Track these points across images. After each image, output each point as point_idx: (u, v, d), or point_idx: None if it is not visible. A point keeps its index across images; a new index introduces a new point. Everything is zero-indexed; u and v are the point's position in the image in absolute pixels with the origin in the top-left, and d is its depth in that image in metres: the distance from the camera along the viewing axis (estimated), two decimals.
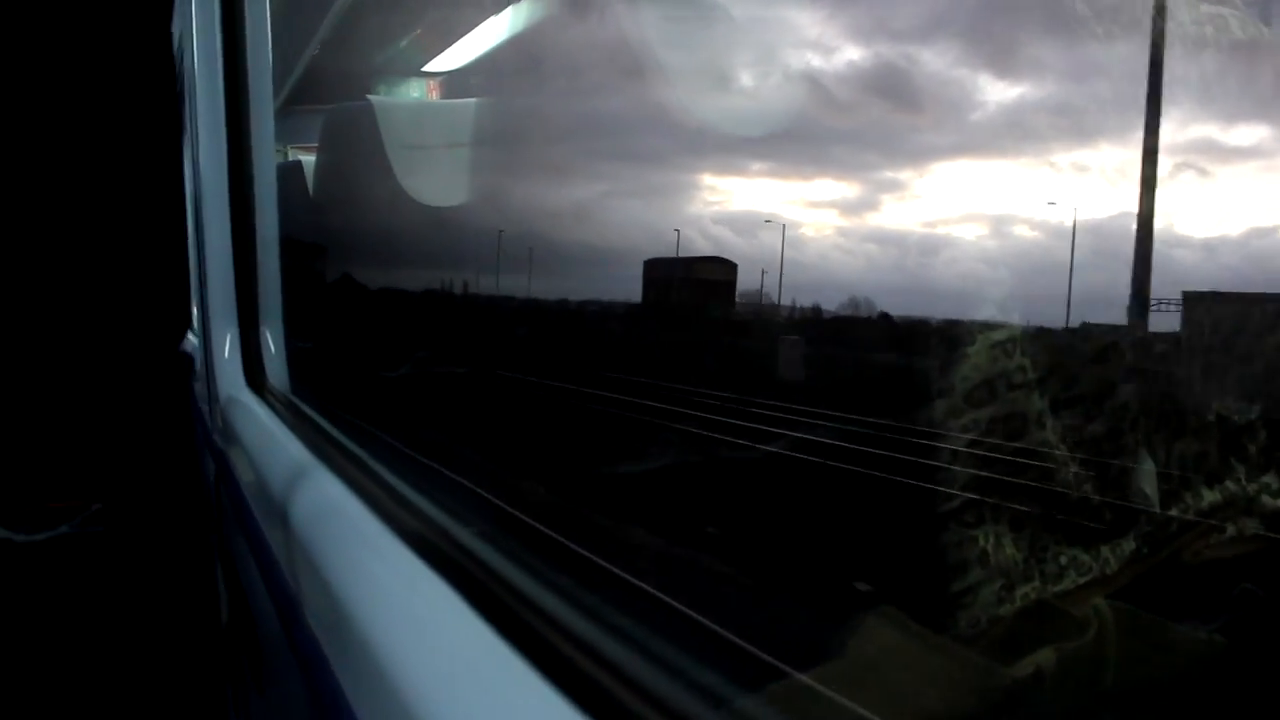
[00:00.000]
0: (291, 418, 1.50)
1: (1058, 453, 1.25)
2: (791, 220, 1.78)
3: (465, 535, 0.81)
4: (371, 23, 2.84)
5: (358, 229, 2.67)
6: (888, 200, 1.62)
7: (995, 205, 1.34)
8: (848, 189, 1.70)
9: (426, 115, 2.65)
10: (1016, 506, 1.20)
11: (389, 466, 1.06)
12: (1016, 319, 1.24)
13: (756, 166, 1.80)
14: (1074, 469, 1.26)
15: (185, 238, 1.03)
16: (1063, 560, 1.19)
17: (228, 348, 1.82)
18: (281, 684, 1.30)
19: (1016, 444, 1.18)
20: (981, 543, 1.21)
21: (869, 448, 1.94)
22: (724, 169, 1.86)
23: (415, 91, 2.96)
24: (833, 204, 1.72)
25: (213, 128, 1.89)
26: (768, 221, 1.74)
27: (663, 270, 2.18)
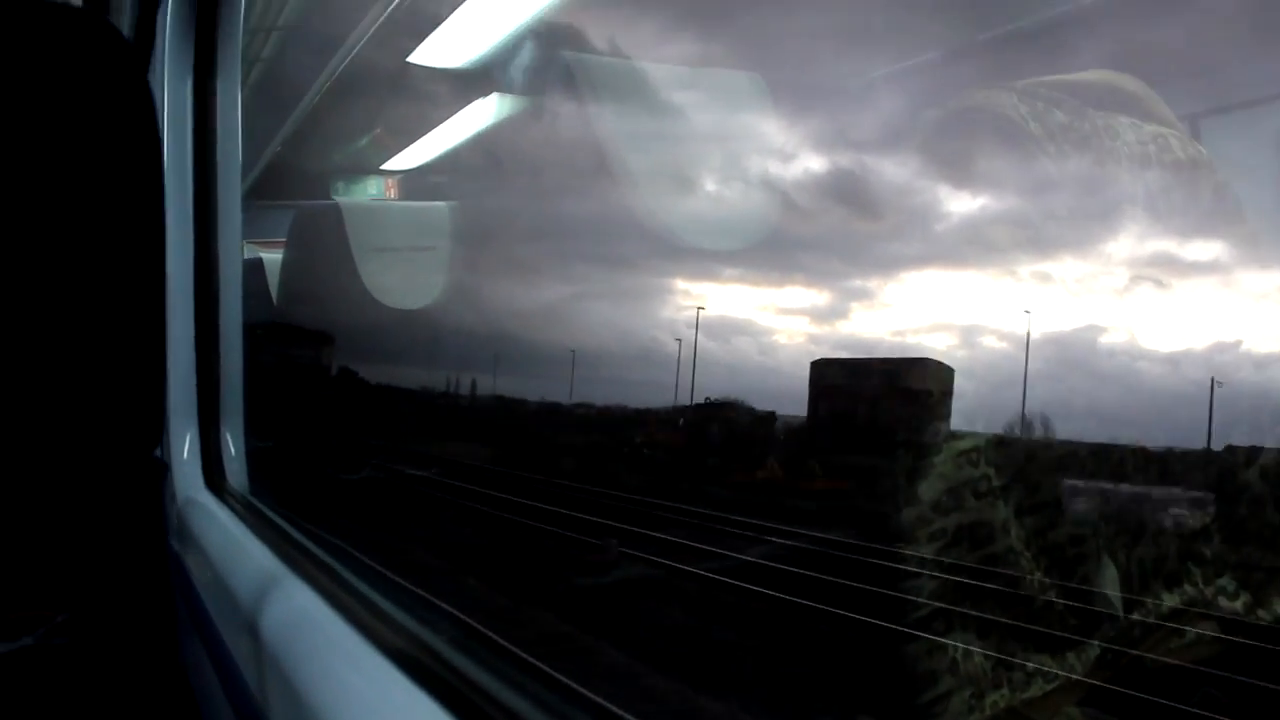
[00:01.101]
0: (254, 520, 1.47)
1: (1024, 561, 1.27)
2: (765, 327, 1.79)
3: (443, 645, 0.80)
4: (337, 119, 2.87)
5: (322, 326, 2.66)
6: (857, 308, 1.65)
7: (963, 315, 1.37)
8: (818, 296, 1.73)
9: (392, 215, 2.66)
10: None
11: (359, 573, 1.04)
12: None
13: (728, 273, 1.83)
14: (1039, 576, 1.27)
15: (164, 339, 1.02)
16: (1030, 668, 1.20)
17: (187, 448, 1.79)
18: None
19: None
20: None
21: None
22: (696, 274, 1.89)
23: (378, 189, 2.99)
24: (804, 311, 1.75)
25: (180, 224, 1.89)
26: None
27: (845, 375, 1.76)
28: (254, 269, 2.70)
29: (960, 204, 1.37)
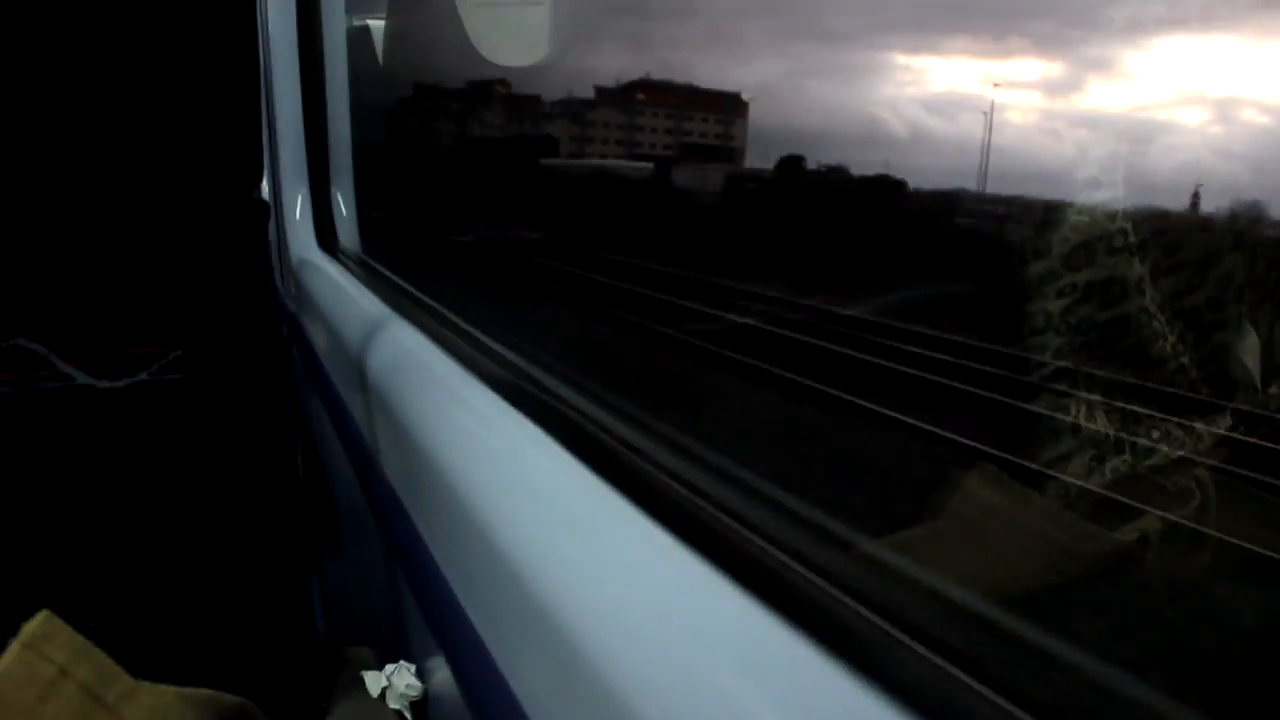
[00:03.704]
0: (365, 275, 1.48)
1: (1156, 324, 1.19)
2: (997, 102, 1.67)
3: (551, 379, 0.78)
4: None
5: (431, 94, 2.60)
6: (1094, 79, 1.51)
7: (1218, 86, 1.23)
8: (1049, 67, 1.58)
9: None
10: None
11: (468, 317, 1.03)
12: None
13: (949, 45, 1.70)
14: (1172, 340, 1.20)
15: (258, 89, 1.00)
16: (1156, 434, 1.15)
17: (299, 209, 1.80)
18: (357, 545, 1.31)
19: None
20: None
21: None
22: (915, 48, 1.76)
23: None
24: (1034, 85, 1.61)
25: None
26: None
27: None
28: (363, 40, 2.65)
29: None
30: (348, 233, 1.81)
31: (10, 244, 0.95)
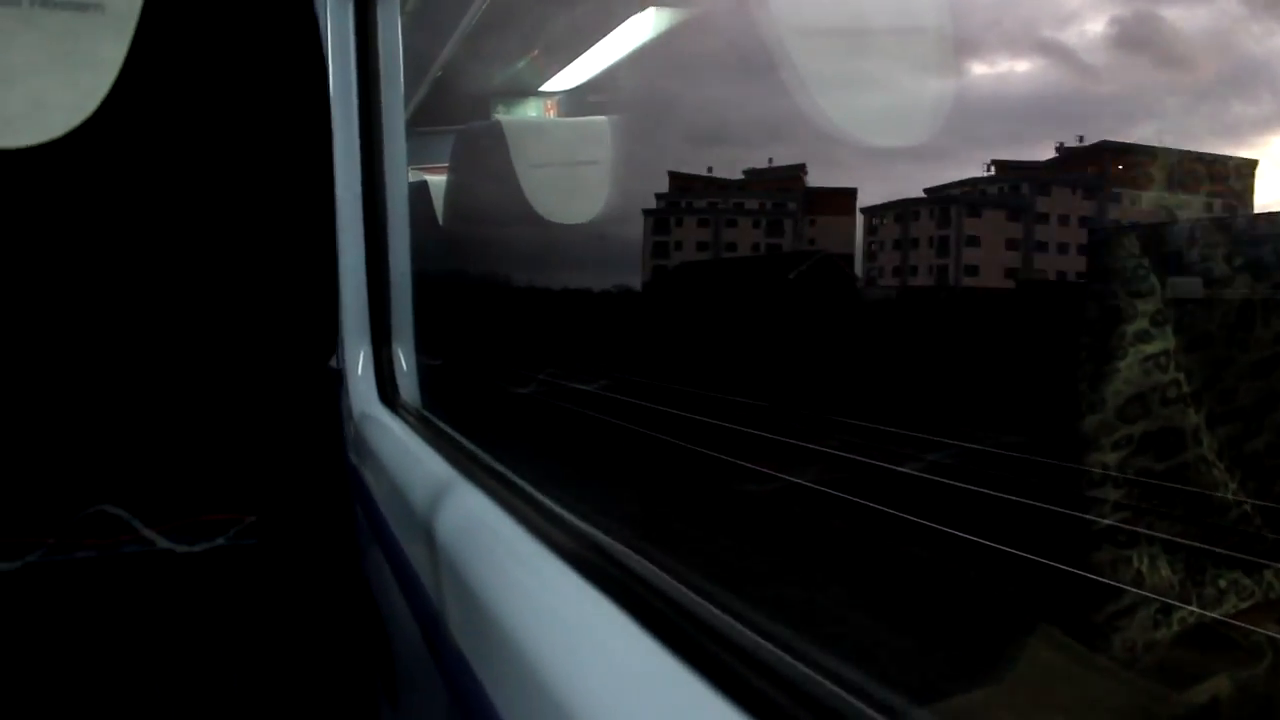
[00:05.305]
0: (427, 432, 1.52)
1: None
2: None
3: (620, 549, 0.80)
4: (508, 34, 2.81)
5: (495, 247, 2.66)
6: None
7: None
8: None
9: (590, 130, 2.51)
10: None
11: (532, 480, 1.06)
12: None
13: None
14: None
15: (335, 263, 1.06)
16: (1223, 583, 1.14)
17: (361, 364, 1.86)
18: (420, 700, 1.31)
19: None
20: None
21: None
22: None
23: (581, 106, 2.91)
24: None
25: (347, 148, 1.93)
26: None
27: None
28: (419, 193, 2.75)
29: None
30: (408, 388, 1.86)
31: (97, 413, 1.00)
